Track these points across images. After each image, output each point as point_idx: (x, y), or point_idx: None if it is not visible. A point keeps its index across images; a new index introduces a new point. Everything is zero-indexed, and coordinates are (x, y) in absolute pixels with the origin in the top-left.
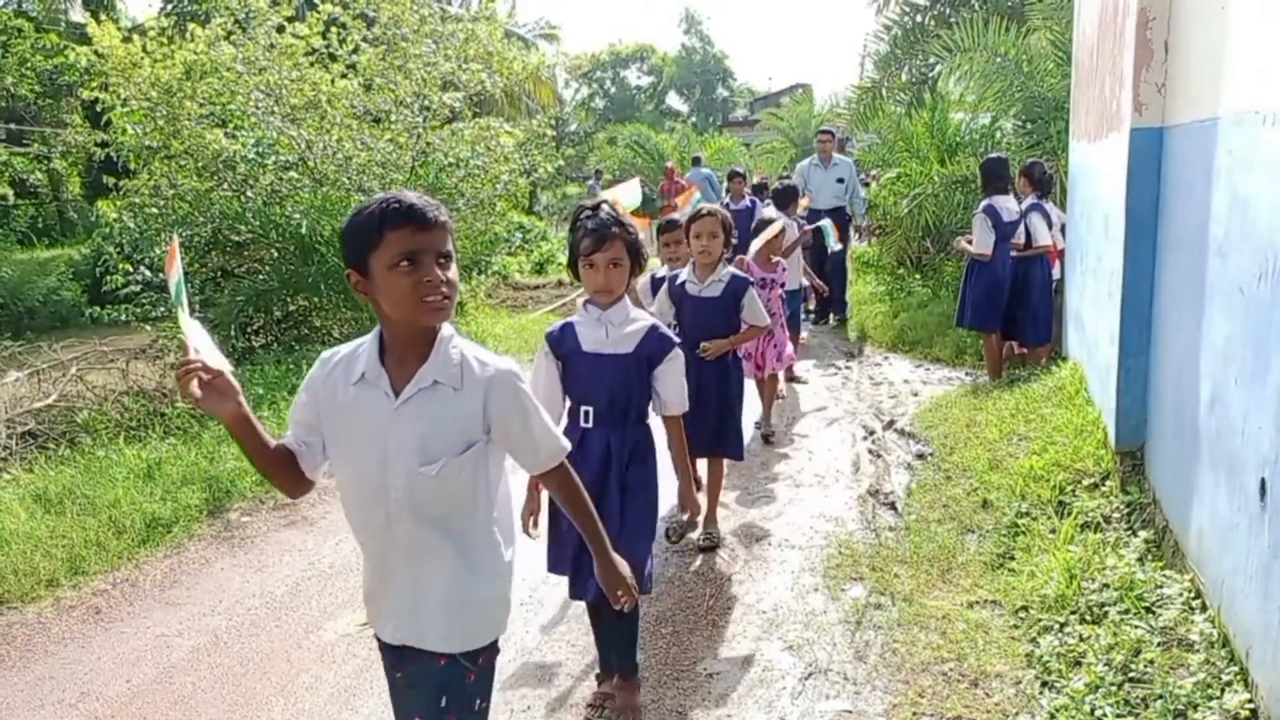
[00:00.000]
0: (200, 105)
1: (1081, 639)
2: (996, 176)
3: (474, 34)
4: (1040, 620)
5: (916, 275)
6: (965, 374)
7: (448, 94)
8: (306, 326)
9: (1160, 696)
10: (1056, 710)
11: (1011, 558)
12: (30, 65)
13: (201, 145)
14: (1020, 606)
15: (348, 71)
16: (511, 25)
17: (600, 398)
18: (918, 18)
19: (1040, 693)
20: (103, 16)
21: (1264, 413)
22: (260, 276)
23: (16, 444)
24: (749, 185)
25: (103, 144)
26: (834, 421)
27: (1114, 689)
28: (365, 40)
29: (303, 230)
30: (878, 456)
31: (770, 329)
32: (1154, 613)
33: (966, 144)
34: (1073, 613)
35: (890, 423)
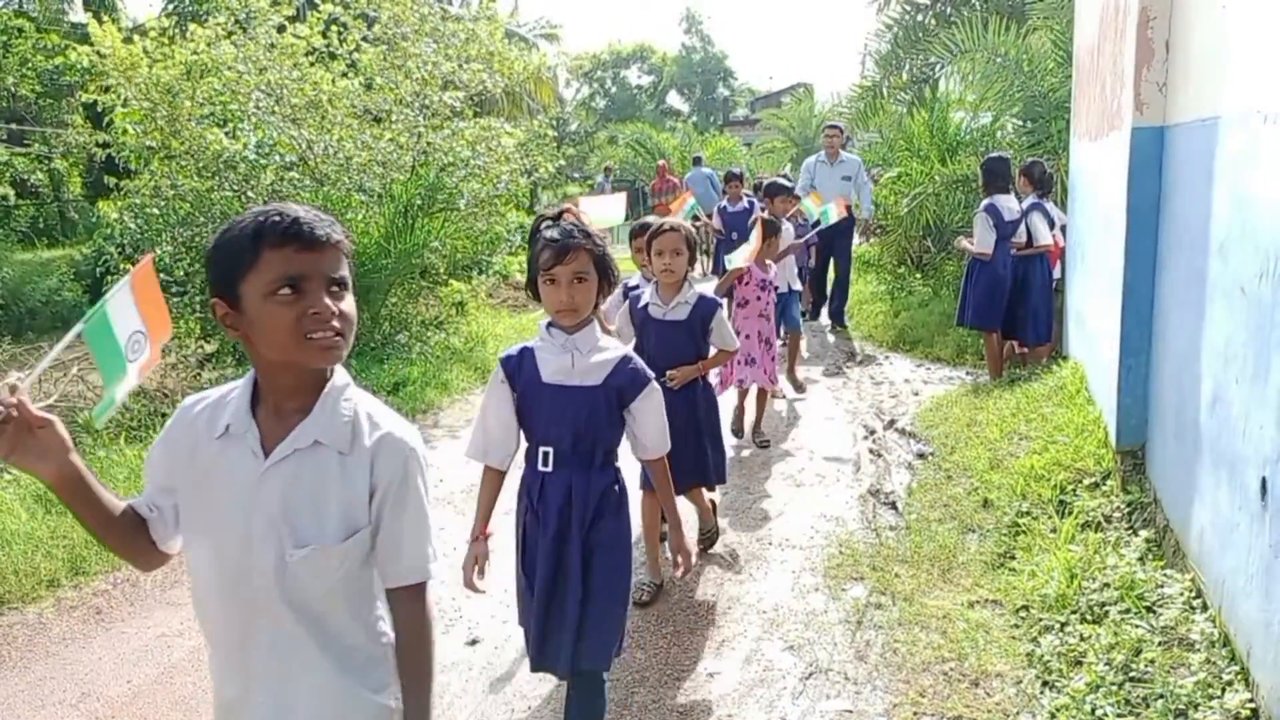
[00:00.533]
0: (200, 105)
1: (1082, 638)
2: (998, 176)
3: (475, 34)
4: (1041, 620)
5: (917, 274)
6: (966, 373)
7: (448, 94)
8: None
9: (1161, 696)
10: (1057, 710)
11: (1012, 557)
12: (31, 65)
13: (202, 145)
14: (1021, 606)
15: (348, 71)
16: (512, 25)
17: (562, 437)
18: (918, 17)
19: (1041, 692)
20: (104, 17)
21: (1265, 412)
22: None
23: None
24: (748, 185)
25: (103, 144)
26: (835, 421)
27: (1115, 688)
28: (365, 39)
29: None
30: (878, 456)
31: (768, 341)
32: (1155, 612)
33: (967, 143)
34: (1073, 612)
35: (891, 422)
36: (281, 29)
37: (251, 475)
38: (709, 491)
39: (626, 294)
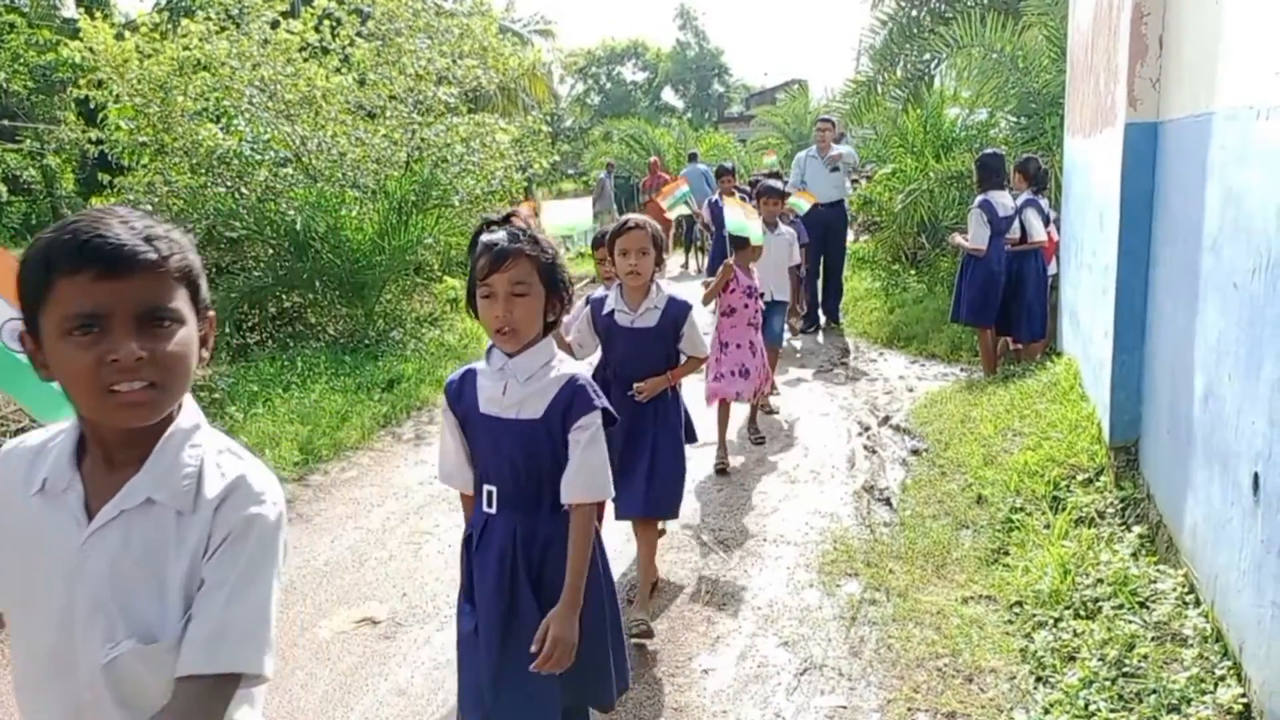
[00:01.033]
0: (193, 100)
1: (1076, 634)
2: (992, 172)
3: (469, 29)
4: (1035, 615)
5: (911, 271)
6: (960, 370)
7: (443, 89)
8: (301, 323)
9: (1154, 691)
10: (1051, 705)
11: (1006, 553)
12: (23, 61)
13: (195, 141)
14: (1015, 602)
15: (342, 66)
16: (507, 21)
17: (503, 476)
18: (913, 12)
19: (1035, 688)
20: (95, 13)
21: (1257, 407)
22: (255, 273)
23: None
24: (744, 181)
25: (96, 141)
26: (829, 417)
27: (1108, 684)
28: (359, 35)
29: (297, 226)
30: (873, 452)
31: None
32: (1148, 608)
33: (962, 140)
34: (1067, 608)
35: (885, 418)
36: (275, 25)
37: (72, 543)
38: (653, 557)
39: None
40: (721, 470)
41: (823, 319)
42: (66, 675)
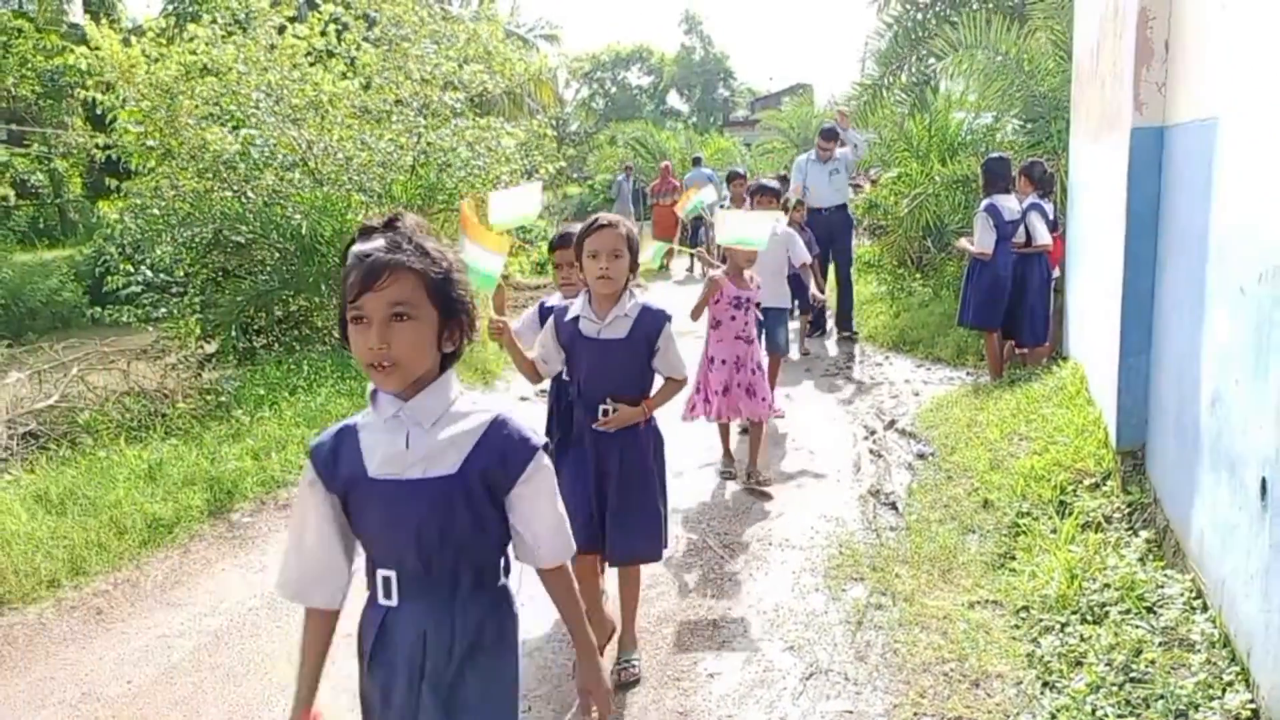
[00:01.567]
0: (200, 105)
1: (1082, 639)
2: (998, 176)
3: (475, 34)
4: (1041, 620)
5: (917, 275)
6: (966, 374)
7: (448, 94)
8: (308, 326)
9: (1161, 697)
10: (1058, 710)
11: (1012, 558)
12: (31, 66)
13: (202, 146)
14: (1021, 606)
15: (348, 71)
16: (512, 26)
17: (407, 554)
18: (918, 16)
19: (1041, 693)
20: (102, 19)
21: (1265, 412)
22: (261, 277)
23: (18, 444)
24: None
25: (104, 146)
26: (835, 421)
27: (1115, 689)
28: (366, 40)
29: (302, 230)
30: (879, 456)
31: (756, 369)
32: (1155, 613)
33: (967, 143)
34: (1074, 613)
35: (891, 422)
36: (281, 30)
37: None
38: (635, 600)
39: (544, 315)
40: (728, 475)
41: (832, 328)
42: None
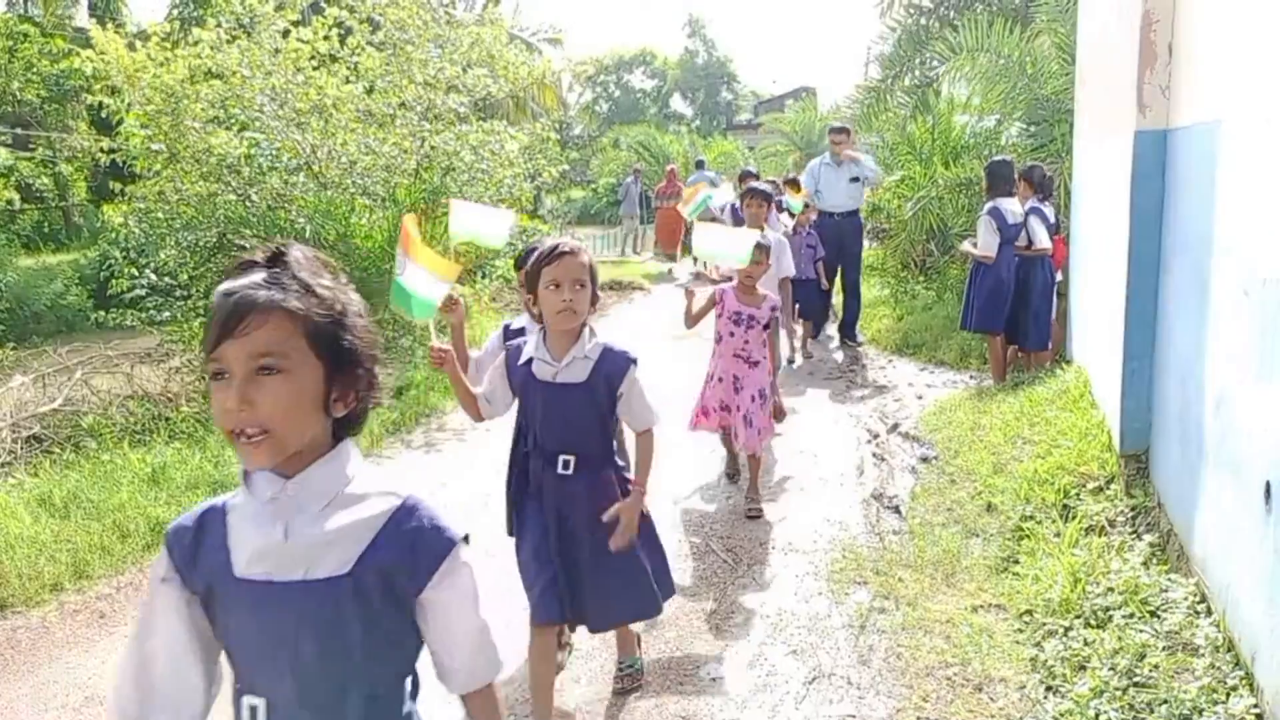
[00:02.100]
0: (205, 109)
1: (1086, 643)
2: (1001, 179)
3: (479, 38)
4: (1045, 624)
5: (920, 278)
6: (970, 377)
7: (452, 98)
8: None
9: (1165, 701)
10: (1061, 715)
11: (1016, 561)
12: (36, 70)
13: (206, 149)
14: (1025, 610)
15: (351, 75)
16: (516, 30)
17: (281, 679)
18: (922, 20)
19: (1045, 697)
20: (108, 22)
21: (1269, 416)
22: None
23: (22, 448)
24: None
25: (108, 150)
26: (838, 425)
27: (1119, 693)
28: (370, 44)
29: (306, 234)
30: (882, 460)
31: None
32: (1159, 617)
33: (971, 147)
34: (1077, 617)
35: (894, 426)
36: (285, 34)
37: None
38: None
39: (509, 338)
40: (731, 476)
41: (835, 335)
42: None
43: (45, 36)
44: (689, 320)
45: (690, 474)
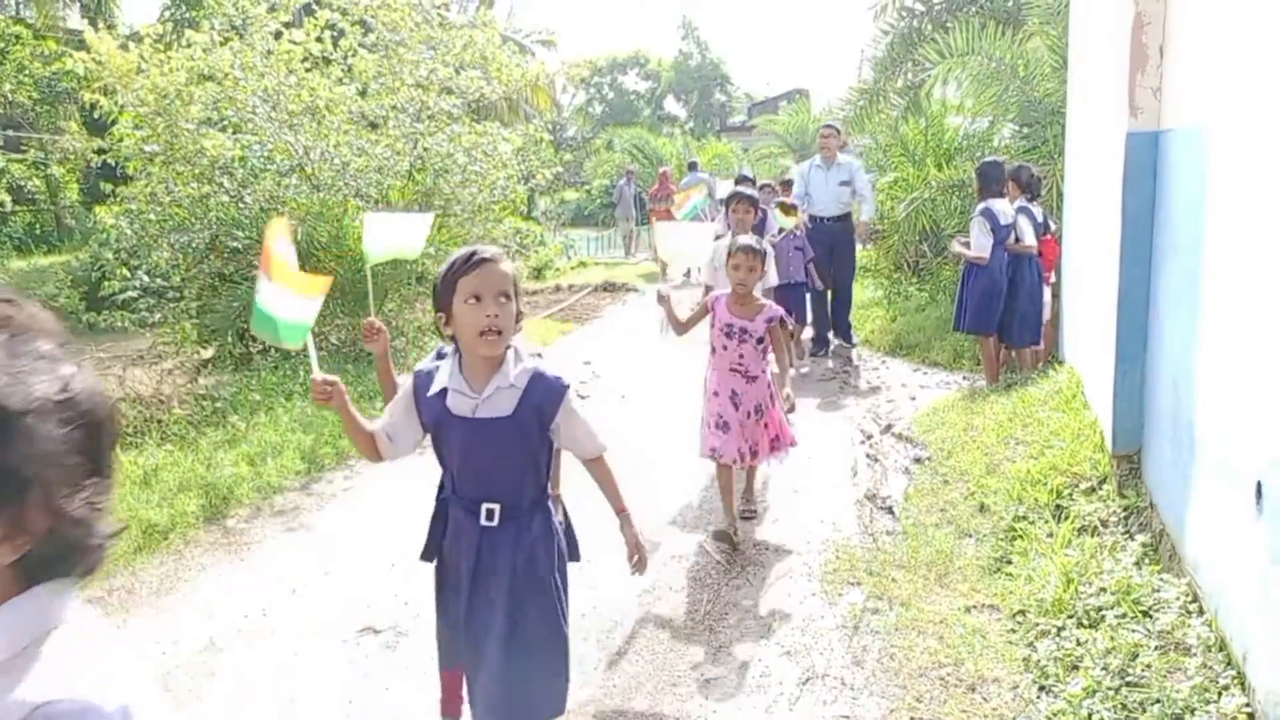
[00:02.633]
0: (199, 110)
1: (1079, 643)
2: (993, 180)
3: (472, 40)
4: (1038, 624)
5: (914, 279)
6: (963, 378)
7: (445, 100)
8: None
9: (1157, 701)
10: (1054, 715)
11: (1009, 562)
12: (29, 72)
13: (199, 151)
14: (1018, 611)
15: (344, 77)
16: (510, 32)
17: None
18: (915, 22)
19: (1038, 697)
20: (100, 24)
21: (1260, 416)
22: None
23: None
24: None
25: (100, 150)
26: (831, 426)
27: (1111, 693)
28: (362, 46)
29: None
30: (875, 461)
31: (763, 404)
32: (1151, 617)
33: (963, 148)
34: (1070, 617)
35: (888, 427)
36: (278, 35)
37: None
38: None
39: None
40: (722, 537)
41: (833, 340)
42: None
43: (37, 39)
44: (678, 328)
45: (685, 474)
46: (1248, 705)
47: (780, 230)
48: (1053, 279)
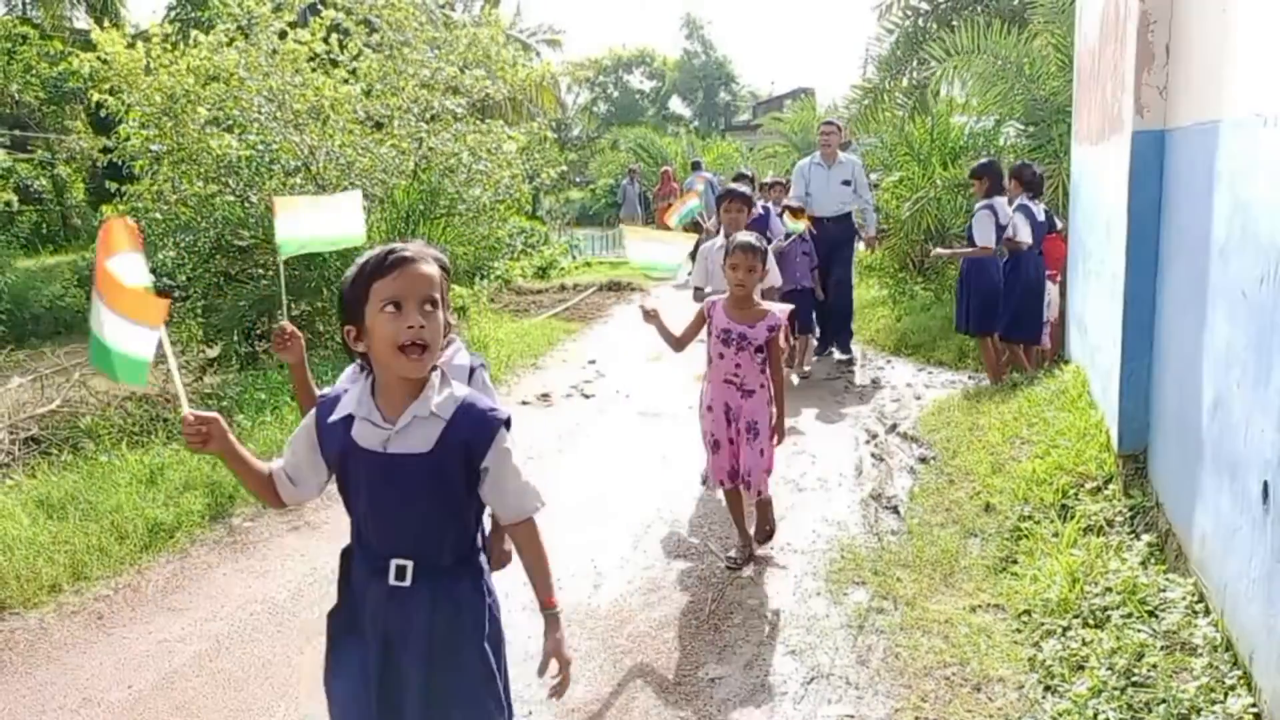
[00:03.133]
0: (206, 110)
1: (1084, 643)
2: (998, 177)
3: (476, 39)
4: (1043, 624)
5: (919, 279)
6: (968, 377)
7: (450, 99)
8: (309, 331)
9: (1163, 701)
10: (1059, 715)
11: (1014, 561)
12: (35, 73)
13: (205, 150)
14: (1023, 610)
15: (349, 77)
16: (515, 31)
17: None
18: (920, 21)
19: (1043, 697)
20: (106, 23)
21: (1266, 416)
22: (263, 281)
23: (20, 449)
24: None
25: (106, 149)
26: (836, 425)
27: (1117, 693)
28: (367, 45)
29: None
30: (880, 460)
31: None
32: (1157, 617)
33: (969, 148)
34: (1075, 617)
35: (893, 426)
36: (283, 35)
37: None
38: None
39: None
40: (736, 565)
41: (835, 354)
42: None
43: (44, 39)
44: (673, 344)
45: (689, 473)
46: (1254, 705)
47: (788, 235)
48: (1059, 278)
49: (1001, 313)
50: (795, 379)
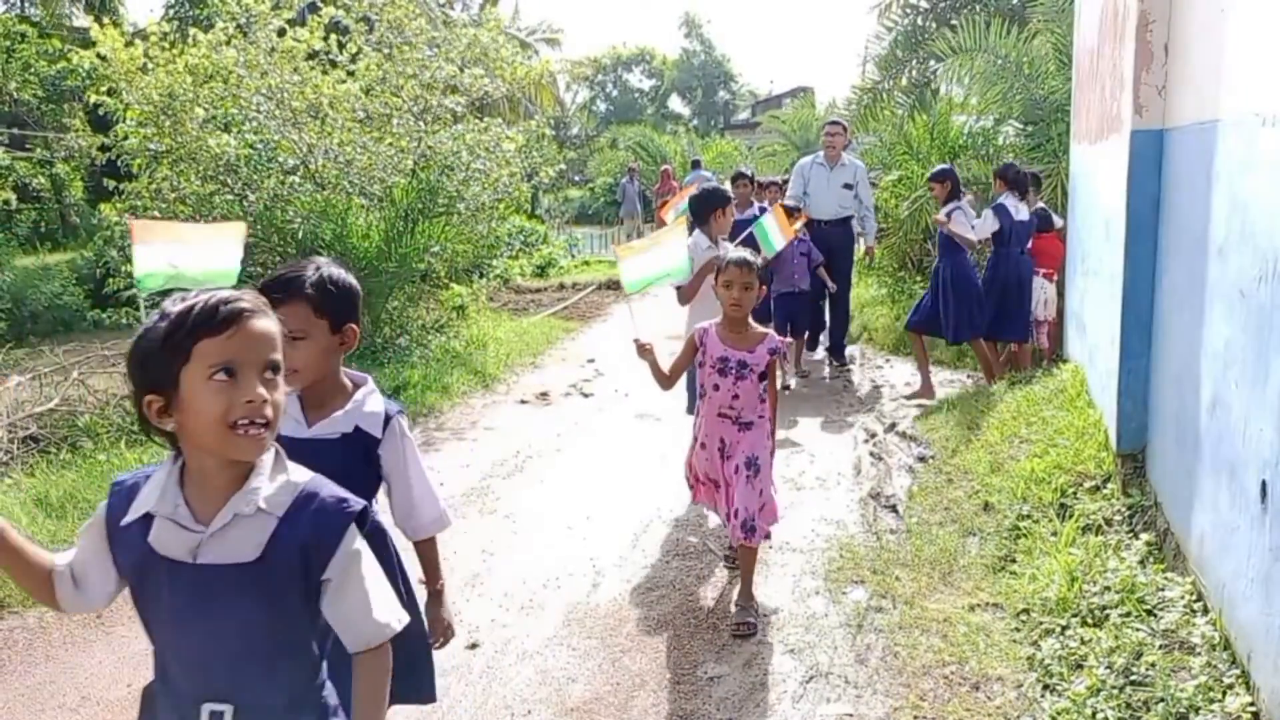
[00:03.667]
0: (205, 109)
1: (1083, 642)
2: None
3: (475, 38)
4: (1042, 623)
5: (918, 277)
6: (967, 376)
7: (449, 98)
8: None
9: (1162, 699)
10: (1058, 713)
11: (1013, 560)
12: (34, 71)
13: (203, 149)
14: (1022, 609)
15: (348, 77)
16: (514, 30)
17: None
18: (919, 20)
19: (1041, 696)
20: (104, 21)
21: (1265, 415)
22: (262, 280)
23: (18, 448)
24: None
25: (104, 148)
26: (835, 424)
27: (1115, 692)
28: (366, 44)
29: (302, 234)
30: (879, 459)
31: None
32: (1155, 615)
33: (968, 147)
34: (1074, 615)
35: (892, 425)
36: (282, 33)
37: None
38: None
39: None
40: (742, 631)
41: (824, 355)
42: None
43: (43, 36)
44: (663, 382)
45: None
46: (1252, 704)
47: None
48: (1057, 277)
49: (982, 314)
50: (793, 382)
